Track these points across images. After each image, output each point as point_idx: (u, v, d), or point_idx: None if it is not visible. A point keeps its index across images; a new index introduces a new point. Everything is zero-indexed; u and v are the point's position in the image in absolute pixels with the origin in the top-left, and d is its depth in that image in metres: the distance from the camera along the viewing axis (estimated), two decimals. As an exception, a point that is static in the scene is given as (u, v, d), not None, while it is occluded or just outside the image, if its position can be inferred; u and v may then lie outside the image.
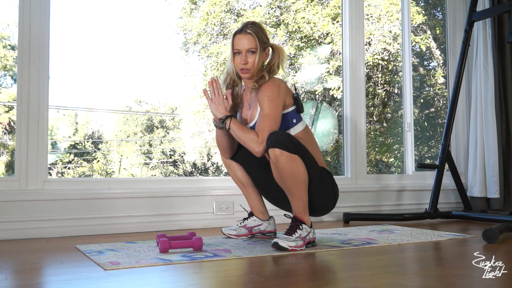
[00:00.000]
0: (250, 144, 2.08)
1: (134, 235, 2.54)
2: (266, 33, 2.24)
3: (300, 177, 2.02)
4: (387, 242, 2.28)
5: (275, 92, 2.12)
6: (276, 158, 2.00)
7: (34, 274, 1.65)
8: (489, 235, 2.27)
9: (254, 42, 2.17)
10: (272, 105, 2.10)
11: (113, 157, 7.68)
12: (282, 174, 2.02)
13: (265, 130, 2.07)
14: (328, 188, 2.19)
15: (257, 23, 2.26)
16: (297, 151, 2.03)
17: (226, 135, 2.25)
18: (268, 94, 2.12)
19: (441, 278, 1.56)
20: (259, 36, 2.19)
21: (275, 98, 2.11)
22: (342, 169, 3.57)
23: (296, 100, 2.22)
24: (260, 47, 2.18)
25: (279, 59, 2.24)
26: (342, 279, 1.58)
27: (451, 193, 3.71)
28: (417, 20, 5.03)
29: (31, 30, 2.58)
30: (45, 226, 2.51)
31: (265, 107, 2.11)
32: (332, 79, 5.71)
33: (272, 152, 2.01)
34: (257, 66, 2.19)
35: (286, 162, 2.00)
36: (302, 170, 2.03)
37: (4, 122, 6.21)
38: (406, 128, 3.79)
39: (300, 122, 2.23)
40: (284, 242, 2.01)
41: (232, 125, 2.12)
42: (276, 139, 2.00)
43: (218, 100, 2.16)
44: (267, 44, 2.23)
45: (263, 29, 2.25)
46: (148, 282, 1.52)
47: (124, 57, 6.86)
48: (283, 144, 1.99)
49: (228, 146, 2.31)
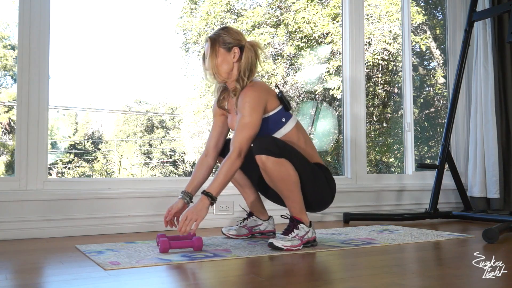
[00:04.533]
0: (233, 170, 2.05)
1: (134, 235, 2.54)
2: (234, 33, 2.18)
3: (290, 179, 2.02)
4: (387, 242, 2.28)
5: (254, 97, 2.09)
6: (264, 164, 1.99)
7: (34, 274, 1.65)
8: (489, 235, 2.27)
9: (209, 46, 2.16)
10: (252, 111, 2.07)
11: (113, 157, 7.68)
12: (272, 179, 2.02)
13: (244, 141, 2.05)
14: (323, 183, 2.17)
15: (225, 27, 2.21)
16: (284, 154, 2.01)
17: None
18: (247, 100, 2.09)
19: (441, 278, 1.56)
20: (218, 39, 2.16)
21: (254, 104, 2.08)
22: (342, 169, 3.57)
23: (281, 100, 2.18)
24: (214, 49, 2.14)
25: (249, 60, 2.16)
26: (342, 279, 1.58)
27: (451, 193, 3.71)
28: (417, 20, 5.03)
29: (31, 30, 2.58)
30: (45, 226, 2.51)
31: (245, 114, 2.08)
32: (332, 79, 5.72)
33: (258, 159, 2.00)
34: (215, 69, 2.14)
35: (273, 167, 1.99)
36: (291, 172, 2.02)
37: (4, 122, 6.21)
38: (406, 128, 3.79)
39: (290, 120, 2.19)
40: (279, 242, 2.01)
41: (215, 191, 2.03)
42: (261, 145, 1.99)
43: (188, 223, 1.99)
44: (231, 43, 2.16)
45: (231, 30, 2.19)
46: (148, 282, 1.52)
47: (124, 57, 6.86)
48: (268, 150, 1.98)
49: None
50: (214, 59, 2.15)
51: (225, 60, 2.15)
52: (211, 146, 2.33)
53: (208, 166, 2.31)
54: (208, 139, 2.36)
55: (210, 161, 2.32)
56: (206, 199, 2.02)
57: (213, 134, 2.34)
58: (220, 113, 2.34)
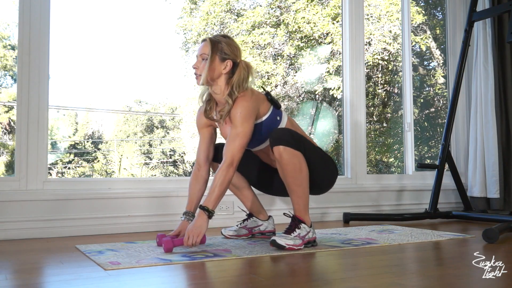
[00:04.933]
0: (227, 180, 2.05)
1: (134, 235, 2.54)
2: (233, 47, 2.17)
3: (301, 174, 2.06)
4: (387, 242, 2.28)
5: (246, 108, 2.10)
6: (280, 154, 2.03)
7: (34, 274, 1.65)
8: (489, 235, 2.27)
9: (207, 49, 2.14)
10: (243, 121, 2.08)
11: (113, 157, 7.68)
12: (285, 171, 2.05)
13: (235, 150, 2.06)
14: (331, 167, 2.25)
15: (228, 36, 2.22)
16: (299, 144, 2.07)
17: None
18: (239, 110, 2.09)
19: (441, 278, 1.56)
20: (218, 45, 2.15)
21: (246, 114, 2.09)
22: (342, 169, 3.57)
23: (271, 101, 2.22)
24: (213, 54, 2.13)
25: (241, 77, 2.15)
26: (342, 279, 1.58)
27: (451, 193, 3.71)
28: (417, 20, 5.03)
29: (31, 30, 2.58)
30: (45, 226, 2.51)
31: (238, 125, 2.09)
32: (332, 79, 5.72)
33: (276, 150, 2.04)
34: (207, 74, 2.12)
35: (289, 158, 2.03)
36: (303, 167, 2.07)
37: (4, 122, 6.21)
38: (406, 128, 3.79)
39: (283, 116, 2.25)
40: (281, 240, 2.02)
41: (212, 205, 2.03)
42: (278, 136, 2.05)
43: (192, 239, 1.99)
44: (228, 55, 2.15)
45: (232, 43, 2.18)
46: (148, 282, 1.52)
47: (124, 57, 6.86)
48: (286, 140, 2.04)
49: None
50: (211, 63, 2.13)
51: (216, 68, 2.14)
52: (202, 159, 2.30)
53: (203, 180, 2.30)
54: (198, 152, 2.32)
55: (204, 174, 2.31)
56: (203, 214, 2.02)
57: (202, 147, 2.31)
58: (206, 124, 2.31)
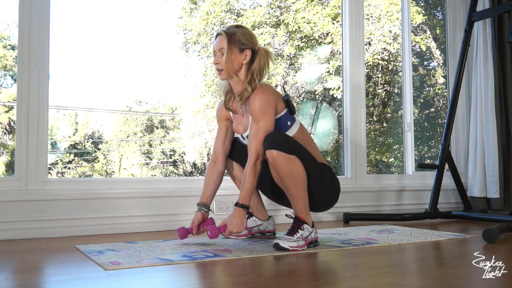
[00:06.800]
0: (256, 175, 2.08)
1: (134, 235, 2.54)
2: (248, 36, 2.19)
3: (298, 177, 2.03)
4: (387, 242, 2.28)
5: (265, 101, 2.09)
6: (274, 159, 2.00)
7: (34, 274, 1.65)
8: (489, 235, 2.27)
9: (224, 42, 2.15)
10: (264, 114, 2.08)
11: (113, 157, 7.68)
12: (281, 175, 2.03)
13: (259, 145, 2.06)
14: (329, 183, 2.19)
15: (240, 26, 2.22)
16: (295, 150, 2.03)
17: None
18: (258, 104, 2.09)
19: (441, 278, 1.56)
20: (234, 36, 2.15)
21: (266, 107, 2.09)
22: (342, 169, 3.57)
23: (287, 103, 2.20)
24: (230, 46, 2.14)
25: (261, 64, 2.17)
26: (342, 279, 1.58)
27: (451, 193, 3.71)
28: (417, 20, 5.03)
29: (31, 30, 2.58)
30: (45, 226, 2.51)
31: (258, 119, 2.09)
32: (332, 79, 5.72)
33: (269, 154, 2.01)
34: (229, 66, 2.13)
35: (283, 163, 2.00)
36: (300, 170, 2.03)
37: (4, 122, 6.21)
38: (406, 128, 3.79)
39: (295, 123, 2.21)
40: (285, 242, 2.01)
41: (246, 200, 2.08)
42: (273, 140, 2.01)
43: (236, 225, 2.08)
44: (245, 45, 2.17)
45: (246, 32, 2.20)
46: (148, 282, 1.52)
47: (124, 57, 6.87)
48: (280, 145, 2.00)
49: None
50: (230, 55, 2.14)
51: (236, 59, 2.16)
52: (219, 151, 2.32)
53: (218, 172, 2.31)
54: (215, 144, 2.35)
55: (219, 167, 2.32)
56: (242, 211, 2.08)
57: (220, 139, 2.33)
58: (225, 117, 2.33)
